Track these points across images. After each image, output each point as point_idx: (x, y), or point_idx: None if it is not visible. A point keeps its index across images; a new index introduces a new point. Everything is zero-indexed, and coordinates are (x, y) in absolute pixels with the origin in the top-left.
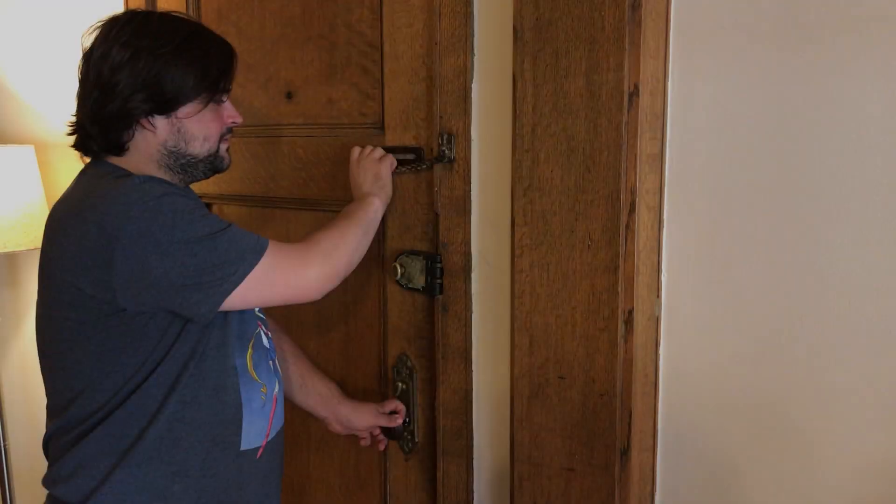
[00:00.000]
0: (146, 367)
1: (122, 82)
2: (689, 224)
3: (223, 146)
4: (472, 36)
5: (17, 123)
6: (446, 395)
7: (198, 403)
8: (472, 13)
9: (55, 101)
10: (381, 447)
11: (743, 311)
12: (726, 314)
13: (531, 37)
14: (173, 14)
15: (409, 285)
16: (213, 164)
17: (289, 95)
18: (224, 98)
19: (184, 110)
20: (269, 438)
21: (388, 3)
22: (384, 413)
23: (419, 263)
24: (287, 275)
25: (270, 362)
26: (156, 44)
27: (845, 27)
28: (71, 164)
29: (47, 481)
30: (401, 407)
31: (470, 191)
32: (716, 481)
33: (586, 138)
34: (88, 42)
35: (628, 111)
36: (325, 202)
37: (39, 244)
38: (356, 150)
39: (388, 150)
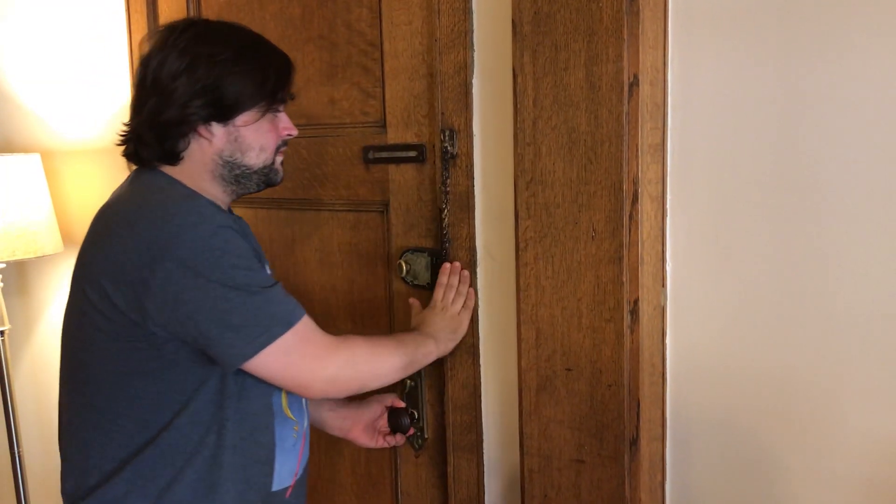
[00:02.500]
0: (174, 400)
1: (180, 89)
2: (692, 213)
3: (278, 158)
4: (472, 31)
5: (22, 132)
6: (455, 391)
7: (234, 446)
8: (470, 9)
9: (60, 109)
10: (401, 441)
11: (748, 298)
12: (732, 301)
13: (530, 30)
14: (232, 23)
15: (415, 282)
16: (267, 177)
17: (291, 96)
18: (281, 109)
19: (242, 118)
20: (298, 476)
21: (387, 1)
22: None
23: (424, 260)
24: (301, 363)
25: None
26: (214, 50)
27: (845, 12)
28: (77, 171)
29: None
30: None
31: (473, 186)
32: (726, 469)
33: (587, 130)
34: (146, 49)
35: (628, 102)
36: (329, 202)
37: (48, 252)
38: (440, 292)
39: (390, 147)
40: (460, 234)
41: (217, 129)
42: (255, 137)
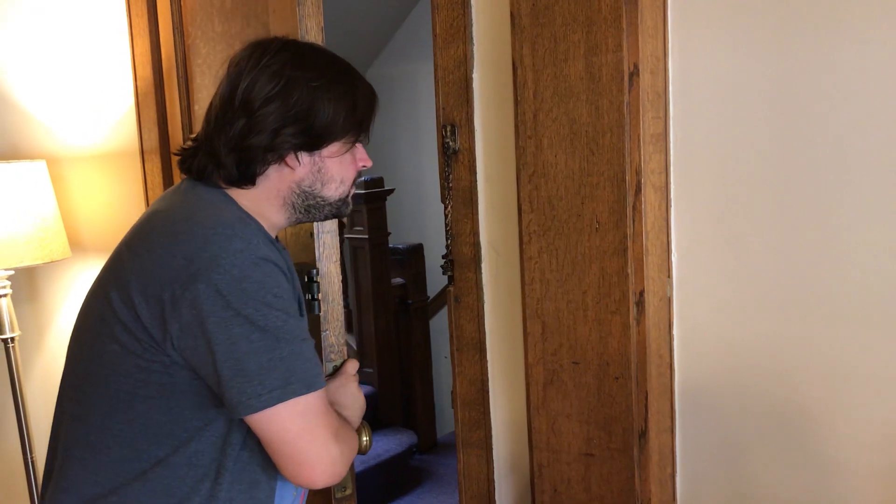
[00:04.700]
0: (174, 434)
1: (273, 114)
2: (696, 202)
3: (352, 191)
4: (471, 25)
5: (28, 139)
6: (462, 387)
7: (229, 500)
8: (469, 2)
9: (65, 116)
10: None
11: (754, 286)
12: (738, 291)
13: (528, 22)
14: (321, 46)
15: None
16: (339, 210)
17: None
18: (362, 140)
19: (329, 149)
20: None
21: None
22: None
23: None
24: (316, 432)
25: None
26: (309, 75)
27: None
28: (83, 177)
29: None
30: None
31: (476, 181)
32: (736, 460)
33: (588, 121)
34: (234, 67)
35: (629, 91)
36: None
37: (55, 258)
38: (356, 365)
39: None
40: (464, 229)
41: (304, 158)
42: (338, 169)
